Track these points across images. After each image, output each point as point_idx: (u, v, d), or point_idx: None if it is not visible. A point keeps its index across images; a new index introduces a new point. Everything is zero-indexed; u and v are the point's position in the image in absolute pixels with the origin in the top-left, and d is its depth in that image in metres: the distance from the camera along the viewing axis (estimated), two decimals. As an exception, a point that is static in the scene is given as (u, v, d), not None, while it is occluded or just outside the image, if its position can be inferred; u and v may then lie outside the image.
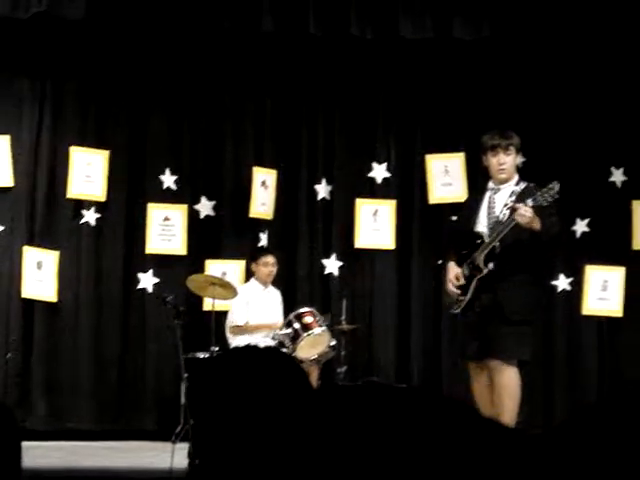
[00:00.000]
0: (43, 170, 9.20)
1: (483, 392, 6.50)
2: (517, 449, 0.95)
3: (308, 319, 8.33)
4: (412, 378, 9.31)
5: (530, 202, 6.23)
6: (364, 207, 9.60)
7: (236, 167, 9.54)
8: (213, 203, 9.48)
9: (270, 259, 8.84)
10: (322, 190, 9.63)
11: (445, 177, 9.53)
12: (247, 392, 1.76)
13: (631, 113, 9.36)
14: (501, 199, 6.58)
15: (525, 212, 6.19)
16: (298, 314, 8.38)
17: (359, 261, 9.63)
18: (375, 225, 9.56)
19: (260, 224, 9.46)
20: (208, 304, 8.62)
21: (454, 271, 6.68)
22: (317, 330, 8.29)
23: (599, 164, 9.39)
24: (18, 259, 9.03)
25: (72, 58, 9.21)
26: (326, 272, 9.56)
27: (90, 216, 9.22)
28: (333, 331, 8.53)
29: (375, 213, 9.58)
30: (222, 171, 9.53)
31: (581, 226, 9.42)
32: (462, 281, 6.60)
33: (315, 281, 9.58)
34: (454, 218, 7.05)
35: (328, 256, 9.57)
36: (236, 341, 8.47)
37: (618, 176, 9.50)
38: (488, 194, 6.65)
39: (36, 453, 7.14)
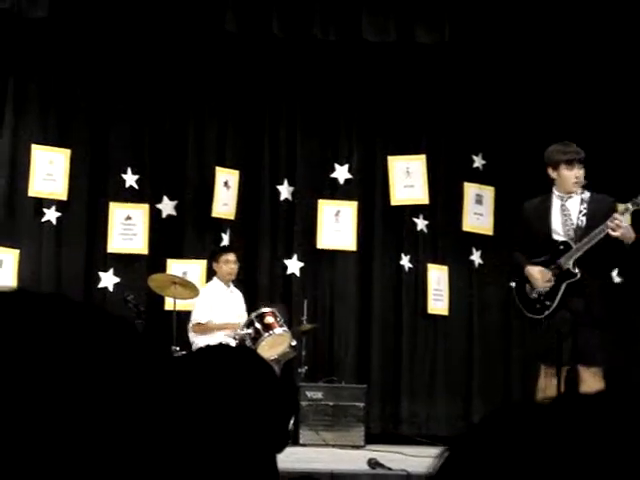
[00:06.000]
0: (4, 168, 9.13)
1: (551, 394, 6.43)
2: None
3: (269, 319, 8.35)
4: (372, 378, 9.36)
5: (631, 206, 6.34)
6: (326, 208, 9.63)
7: (198, 167, 9.54)
8: (175, 203, 9.47)
9: (231, 257, 8.83)
10: (284, 191, 9.65)
11: (407, 179, 9.58)
12: (218, 391, 1.78)
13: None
14: (574, 207, 6.54)
15: (620, 223, 6.26)
16: (259, 314, 8.38)
17: (321, 262, 9.66)
18: (337, 226, 9.59)
19: (222, 224, 9.46)
20: (169, 304, 8.62)
21: (541, 271, 6.54)
22: (278, 330, 8.30)
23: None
24: (-22, 257, 8.97)
25: (35, 56, 9.16)
26: (288, 272, 9.58)
27: (51, 214, 9.17)
28: (294, 331, 8.56)
29: (337, 214, 9.62)
30: (184, 171, 9.52)
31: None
32: (551, 283, 6.50)
33: (277, 281, 9.60)
34: (516, 234, 6.85)
35: (290, 257, 9.59)
36: (198, 340, 8.46)
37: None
38: (558, 202, 6.56)
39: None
